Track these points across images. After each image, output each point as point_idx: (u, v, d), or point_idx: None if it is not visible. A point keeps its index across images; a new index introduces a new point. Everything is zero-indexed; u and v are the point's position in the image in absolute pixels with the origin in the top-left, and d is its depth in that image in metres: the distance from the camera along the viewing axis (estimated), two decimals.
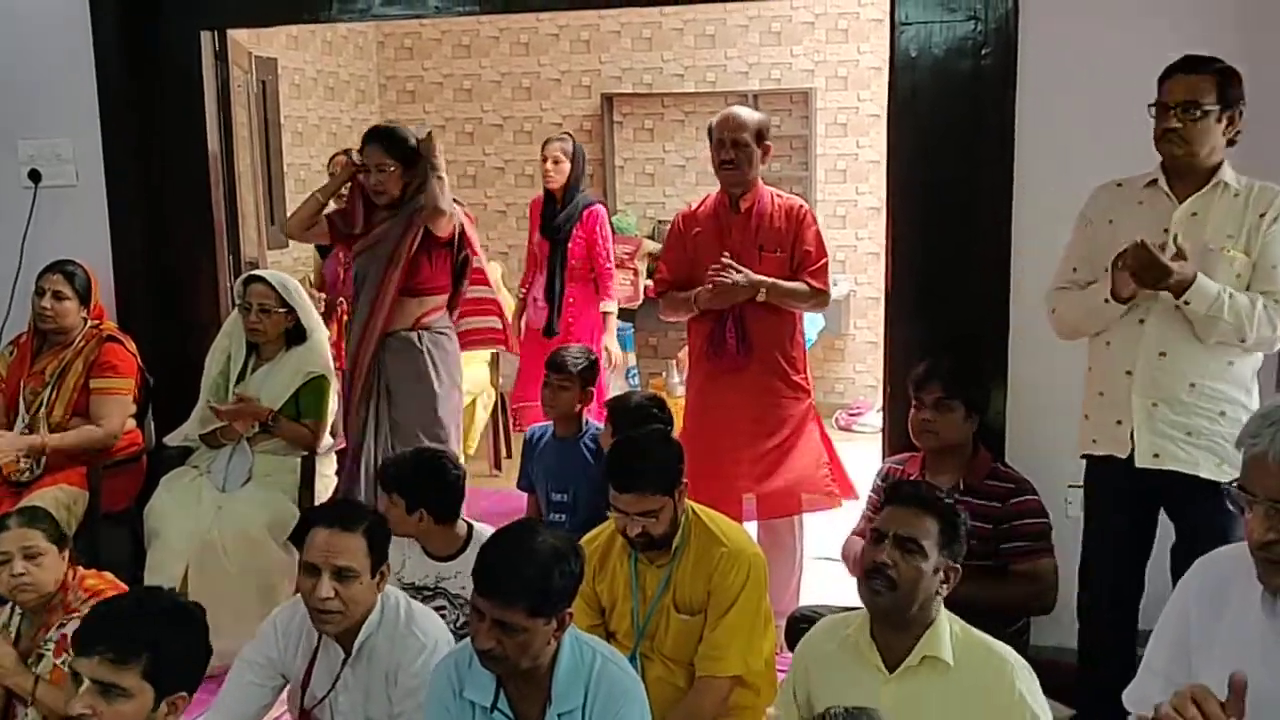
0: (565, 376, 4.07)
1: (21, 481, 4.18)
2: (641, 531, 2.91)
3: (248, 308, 4.24)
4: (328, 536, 2.67)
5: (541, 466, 4.19)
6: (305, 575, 2.66)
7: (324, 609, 2.64)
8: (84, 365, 4.27)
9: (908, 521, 2.42)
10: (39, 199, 4.56)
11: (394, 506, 3.32)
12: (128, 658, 2.09)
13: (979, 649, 2.41)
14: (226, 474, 4.28)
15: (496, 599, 2.27)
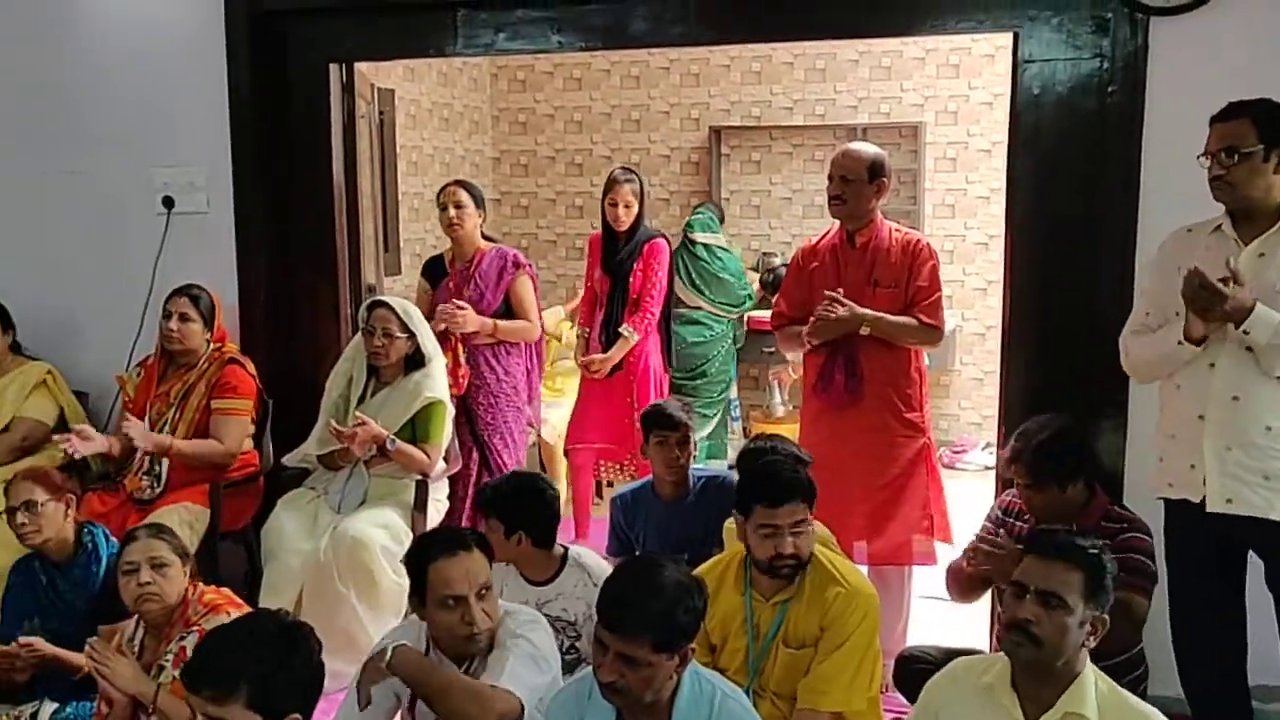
0: (683, 432, 3.92)
1: (145, 499, 4.32)
2: (793, 551, 2.90)
3: (371, 331, 4.34)
4: (463, 563, 2.71)
5: (648, 532, 4.02)
6: (446, 610, 2.70)
7: (479, 630, 2.69)
8: (206, 387, 4.40)
9: (1050, 575, 2.37)
10: (171, 225, 4.72)
11: (493, 531, 3.33)
12: (229, 693, 2.16)
13: (1124, 707, 2.36)
14: (343, 496, 4.37)
15: (621, 632, 2.29)
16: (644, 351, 5.34)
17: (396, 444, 4.31)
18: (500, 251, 4.90)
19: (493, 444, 4.79)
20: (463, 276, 4.84)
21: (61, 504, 3.71)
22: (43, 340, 4.79)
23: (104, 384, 4.76)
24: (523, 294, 4.87)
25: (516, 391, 4.90)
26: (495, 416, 4.81)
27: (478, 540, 2.81)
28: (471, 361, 4.78)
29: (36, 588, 3.73)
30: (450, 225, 4.80)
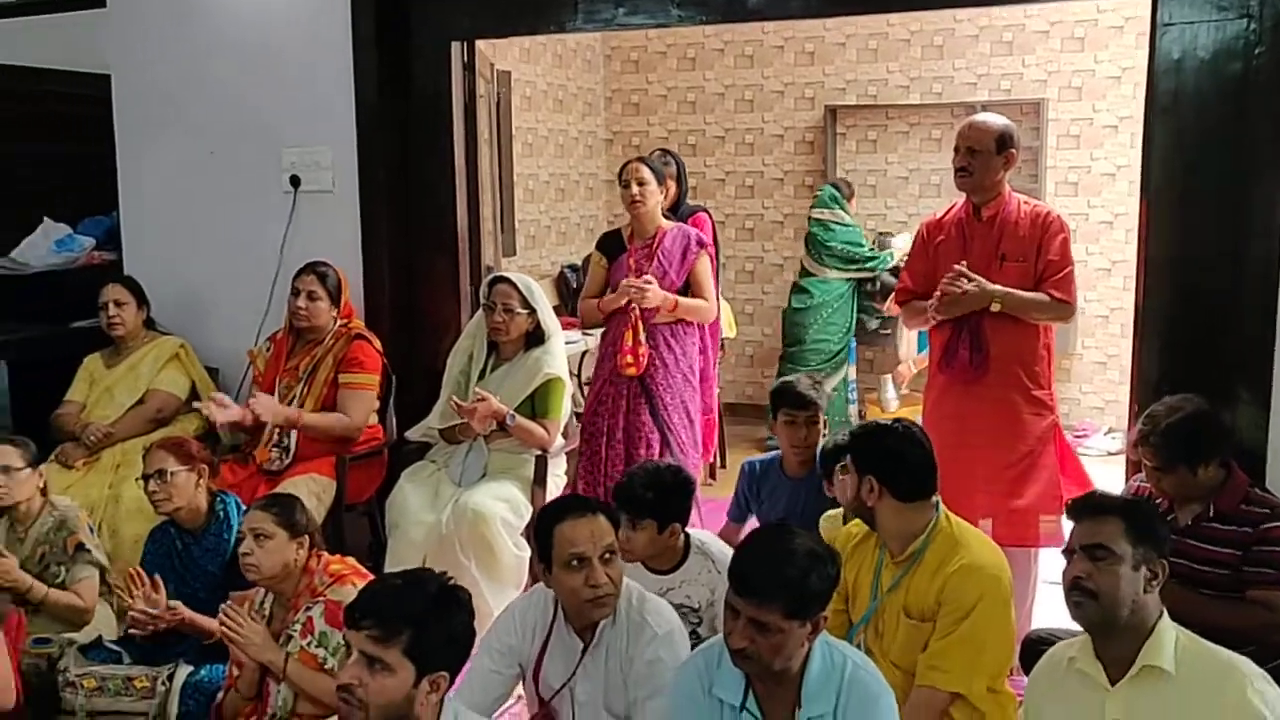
0: (813, 412, 3.90)
1: (273, 470, 4.43)
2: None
3: (492, 306, 4.38)
4: (589, 524, 2.73)
5: (771, 505, 4.02)
6: (571, 571, 2.71)
7: (603, 593, 2.71)
8: (333, 362, 4.49)
9: (1090, 530, 2.42)
10: (298, 203, 4.83)
11: (643, 530, 3.28)
12: (391, 635, 2.16)
13: (1205, 657, 2.35)
14: (463, 469, 4.42)
15: (753, 598, 2.28)
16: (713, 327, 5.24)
17: (516, 419, 4.34)
18: (683, 230, 4.80)
19: (672, 423, 4.69)
20: (644, 253, 4.73)
21: (193, 474, 3.81)
22: (175, 316, 4.94)
23: (233, 359, 4.88)
24: (703, 273, 4.77)
25: (694, 371, 4.80)
26: (674, 396, 4.71)
27: (604, 509, 2.82)
28: (650, 341, 4.70)
29: (171, 554, 3.84)
30: (633, 202, 4.68)
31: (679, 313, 4.74)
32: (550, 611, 2.86)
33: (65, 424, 4.66)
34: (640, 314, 4.63)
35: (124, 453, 4.55)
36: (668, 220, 4.84)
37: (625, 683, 2.79)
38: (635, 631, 2.80)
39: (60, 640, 3.77)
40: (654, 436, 4.67)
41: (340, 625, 3.20)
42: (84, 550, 3.91)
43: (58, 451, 4.53)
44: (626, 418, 4.65)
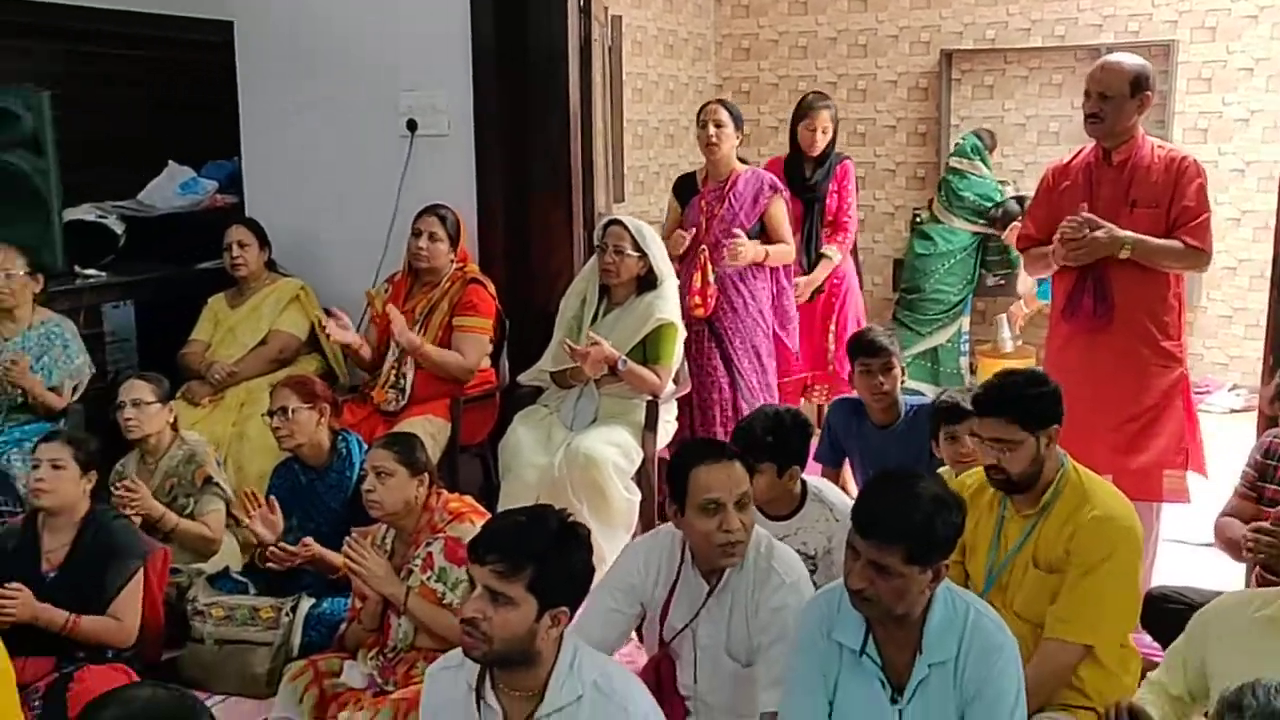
0: (887, 359, 3.92)
1: (390, 411, 4.51)
2: (996, 465, 2.82)
3: (604, 248, 4.39)
4: (725, 470, 2.72)
5: (863, 451, 4.03)
6: (705, 516, 2.70)
7: (735, 540, 2.70)
8: (449, 305, 4.55)
9: None
10: (415, 147, 4.88)
11: (761, 474, 3.23)
12: (516, 570, 2.18)
13: None
14: (575, 414, 4.45)
15: (875, 540, 2.26)
16: (845, 273, 5.31)
17: (627, 364, 4.35)
18: (756, 173, 4.88)
19: (741, 367, 4.77)
20: (716, 196, 4.82)
21: (315, 412, 3.90)
22: (295, 258, 5.04)
23: (350, 301, 4.94)
24: (778, 217, 4.83)
25: (764, 315, 4.86)
26: (744, 339, 4.78)
27: (741, 455, 2.81)
28: (720, 283, 4.75)
29: (295, 489, 3.95)
30: (709, 143, 4.78)
31: (770, 261, 4.79)
32: (677, 553, 2.86)
33: (190, 363, 4.80)
34: (709, 256, 4.65)
35: (248, 391, 4.68)
36: (742, 164, 4.89)
37: (749, 628, 2.79)
38: (762, 578, 2.79)
39: (189, 570, 3.92)
40: (724, 380, 4.72)
41: (460, 561, 3.27)
42: (212, 484, 4.03)
43: (184, 389, 4.67)
44: (696, 361, 4.68)
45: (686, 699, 2.88)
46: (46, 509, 3.43)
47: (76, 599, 3.34)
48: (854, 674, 2.39)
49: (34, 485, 3.41)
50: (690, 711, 2.88)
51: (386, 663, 3.39)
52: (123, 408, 3.98)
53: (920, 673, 2.34)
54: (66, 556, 3.42)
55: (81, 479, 3.44)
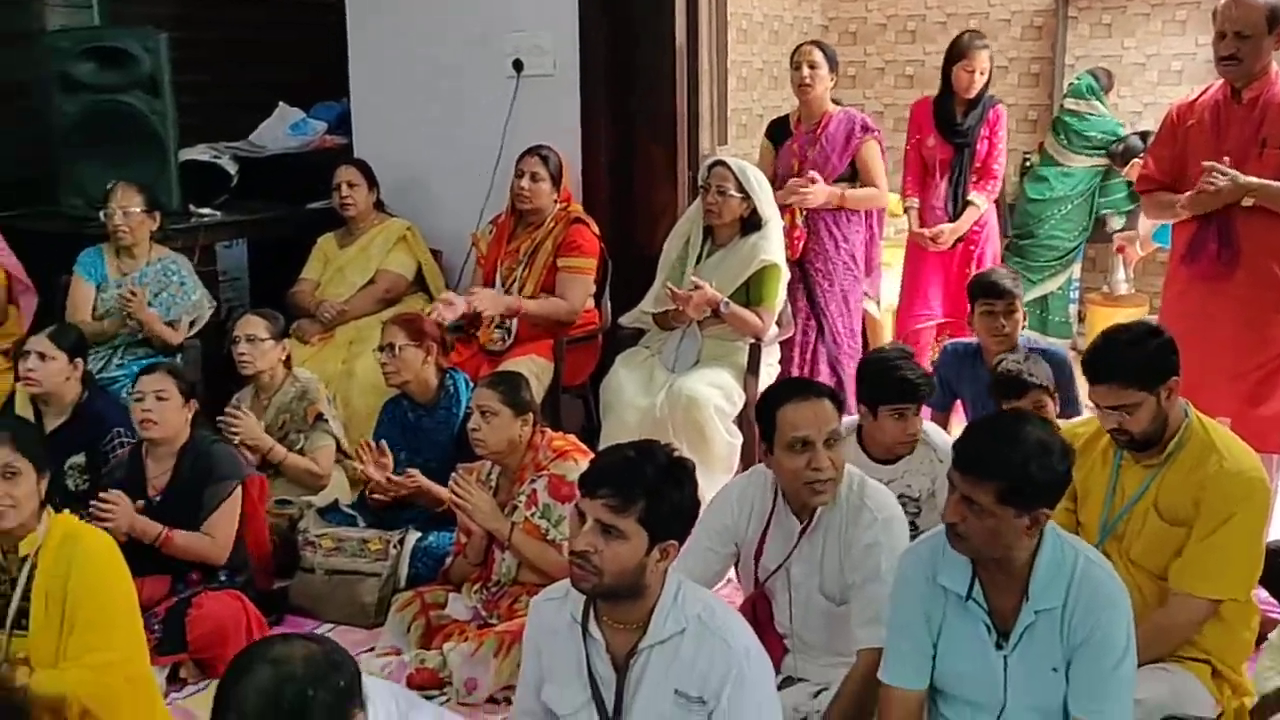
0: (1009, 301, 3.83)
1: (495, 351, 4.56)
2: (1118, 428, 2.75)
3: (707, 188, 4.36)
4: (813, 408, 2.71)
5: (972, 397, 3.96)
6: (794, 454, 2.70)
7: (825, 478, 2.69)
8: (553, 245, 4.56)
9: None
10: (520, 88, 4.89)
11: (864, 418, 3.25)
12: (627, 504, 2.19)
13: None
14: (677, 355, 4.45)
15: (969, 474, 2.23)
16: (986, 221, 5.15)
17: (730, 306, 4.33)
18: (849, 114, 4.82)
19: (829, 311, 4.74)
20: (808, 138, 4.78)
21: (421, 350, 3.96)
22: (401, 199, 5.09)
23: (456, 241, 5.01)
24: (871, 160, 4.77)
25: (855, 260, 4.82)
26: (833, 283, 4.76)
27: (829, 393, 2.79)
28: (811, 226, 4.72)
29: (403, 426, 4.03)
30: (802, 85, 4.73)
31: (849, 204, 4.71)
32: (769, 492, 2.86)
33: (300, 301, 4.89)
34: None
35: (357, 330, 4.76)
36: (836, 106, 4.82)
37: (841, 567, 2.78)
38: (854, 515, 2.78)
39: (300, 502, 4.03)
40: (810, 324, 4.67)
41: (563, 498, 3.32)
42: (322, 420, 4.13)
43: (294, 327, 4.77)
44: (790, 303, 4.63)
45: (784, 637, 2.89)
46: (154, 439, 3.54)
47: (178, 521, 3.44)
48: (959, 619, 2.37)
49: (141, 416, 3.51)
50: (788, 649, 2.89)
51: (490, 596, 3.47)
52: (237, 343, 4.08)
53: (1026, 619, 2.30)
54: (168, 482, 3.53)
55: (184, 408, 3.54)
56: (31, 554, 2.63)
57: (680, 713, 2.24)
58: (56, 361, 3.80)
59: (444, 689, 3.21)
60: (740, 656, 2.23)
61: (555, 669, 2.37)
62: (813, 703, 2.75)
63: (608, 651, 2.30)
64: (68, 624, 2.60)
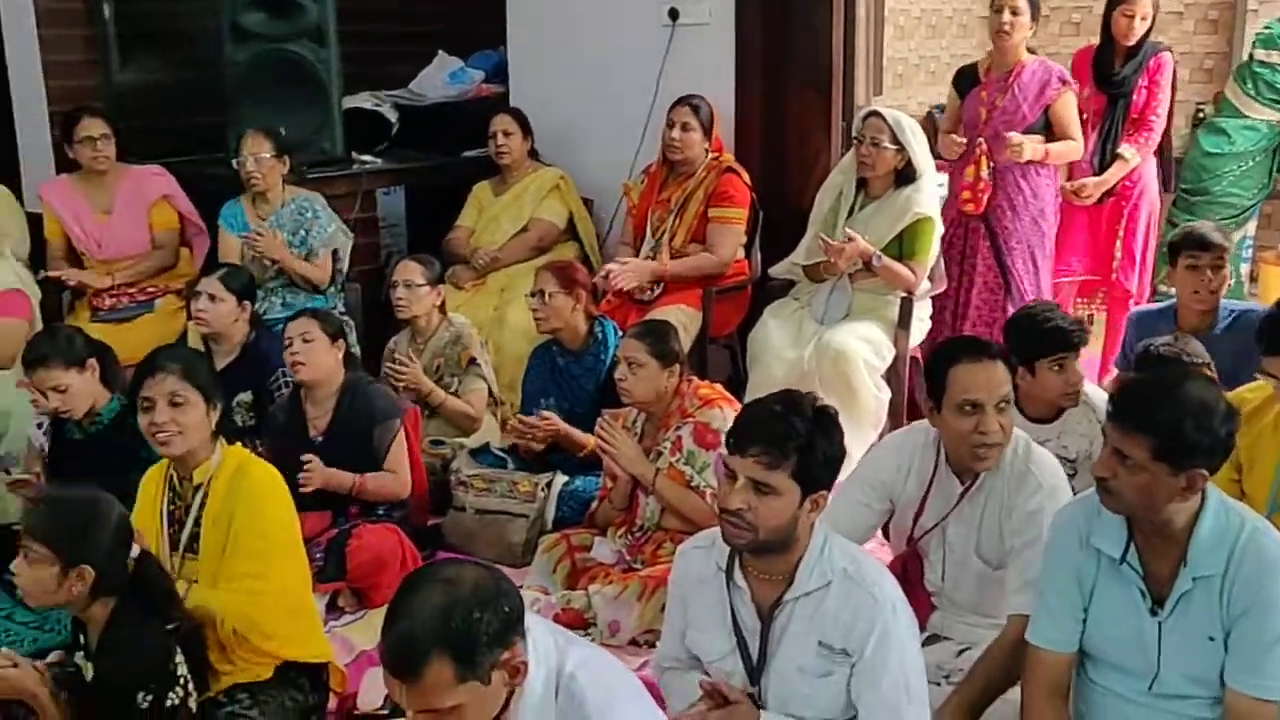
0: (1219, 254, 3.63)
1: (644, 300, 4.59)
2: None
3: (861, 140, 4.29)
4: (986, 370, 2.66)
5: None
6: (962, 416, 2.66)
7: (992, 442, 2.66)
8: (704, 195, 4.56)
9: None
10: (675, 36, 4.87)
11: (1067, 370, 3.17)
12: (780, 460, 2.20)
13: None
14: (826, 308, 4.41)
15: (1122, 426, 2.17)
16: (1140, 176, 4.91)
17: (882, 260, 4.27)
18: (1044, 64, 4.59)
19: (1014, 267, 4.58)
20: (998, 87, 4.58)
21: (571, 298, 4.02)
22: (555, 147, 5.15)
23: (607, 190, 5.05)
24: (1065, 112, 4.55)
25: (1044, 215, 4.62)
26: (1019, 239, 4.57)
27: (1004, 355, 2.74)
28: (997, 180, 4.56)
29: (552, 371, 4.11)
30: (999, 30, 4.51)
31: (1050, 160, 4.54)
32: (931, 451, 2.82)
33: (455, 248, 5.00)
34: (986, 149, 4.44)
35: (509, 277, 4.85)
36: (1031, 55, 4.62)
37: (1001, 531, 2.73)
38: (1018, 481, 2.72)
39: (453, 443, 4.15)
40: (995, 280, 4.52)
41: (708, 446, 3.35)
42: (475, 365, 4.23)
43: (449, 273, 4.87)
44: (966, 260, 4.51)
45: (932, 595, 2.86)
46: (306, 381, 3.68)
47: (344, 460, 3.59)
48: (1112, 583, 2.31)
49: (291, 360, 3.66)
50: (935, 607, 2.87)
51: (634, 541, 3.52)
52: (395, 288, 4.20)
53: (1183, 585, 2.24)
54: (330, 422, 3.68)
55: (331, 348, 3.66)
56: (205, 482, 2.75)
57: (823, 663, 2.26)
58: (226, 303, 3.97)
59: (588, 630, 3.28)
60: (886, 610, 2.23)
61: (700, 616, 2.40)
62: (956, 661, 2.73)
63: (753, 601, 2.32)
64: (230, 551, 2.71)
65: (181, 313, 4.62)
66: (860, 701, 2.24)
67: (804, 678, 2.28)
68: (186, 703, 2.49)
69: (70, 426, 3.43)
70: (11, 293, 4.20)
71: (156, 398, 2.73)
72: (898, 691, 2.22)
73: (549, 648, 1.94)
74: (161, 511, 2.79)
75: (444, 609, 1.79)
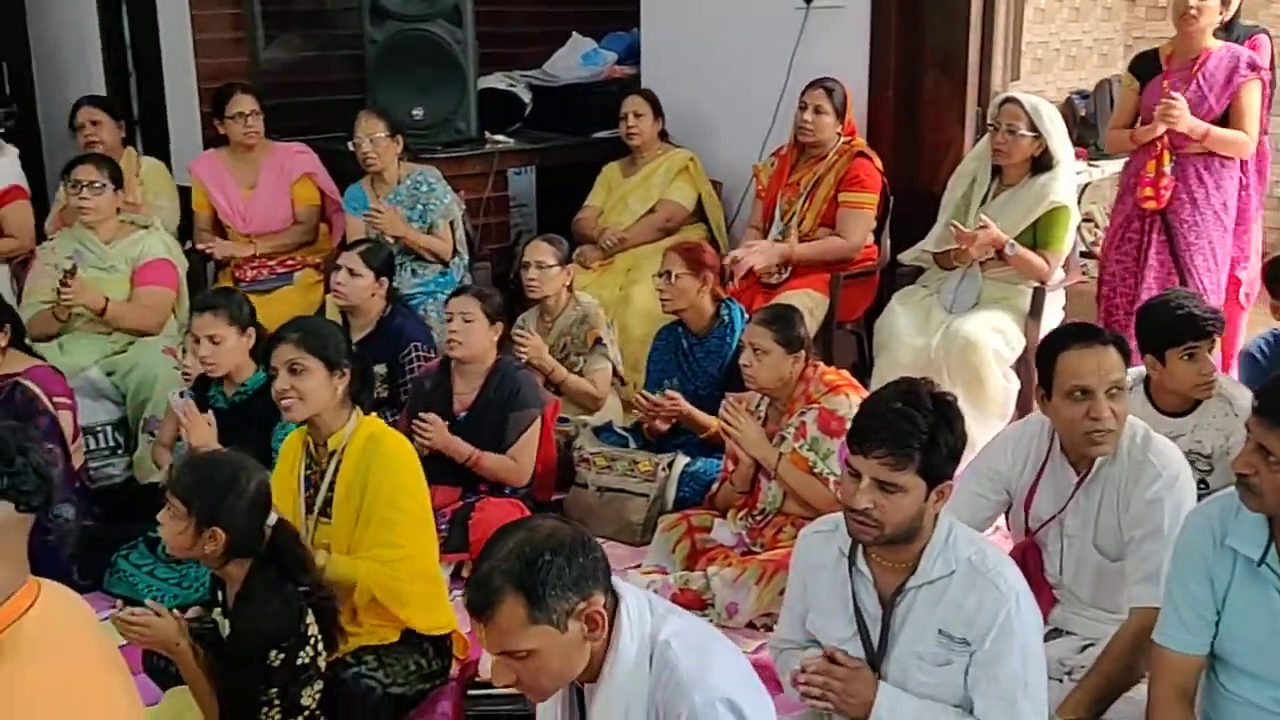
0: None
1: (772, 284, 4.58)
2: None
3: (996, 127, 4.21)
4: (1096, 356, 2.60)
5: None
6: (1073, 403, 2.61)
7: (1104, 429, 2.60)
8: (835, 179, 4.52)
9: None
10: (809, 19, 4.84)
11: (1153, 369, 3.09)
12: (905, 461, 2.18)
13: None
14: (955, 296, 4.35)
15: (1266, 420, 2.11)
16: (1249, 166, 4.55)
17: (1016, 249, 4.19)
18: (1231, 50, 4.31)
19: (1193, 265, 4.35)
20: (1182, 76, 4.31)
21: (698, 280, 4.03)
22: (684, 129, 5.16)
23: (736, 173, 5.04)
24: (1243, 99, 4.28)
25: (1227, 209, 4.38)
26: (1200, 235, 4.34)
27: (1116, 340, 2.68)
28: (1179, 172, 4.33)
29: (676, 352, 4.13)
30: (1185, 14, 4.25)
31: (1209, 144, 4.30)
32: (1046, 440, 2.78)
33: (583, 228, 5.06)
34: (1168, 142, 4.26)
35: (635, 257, 4.89)
36: (1217, 41, 4.34)
37: (1119, 522, 2.68)
38: (1136, 470, 2.66)
39: (576, 421, 4.20)
40: (1171, 279, 4.33)
41: (832, 433, 3.34)
42: (601, 345, 4.27)
43: (576, 253, 4.90)
44: (1143, 256, 4.36)
45: (1053, 588, 2.82)
46: (459, 359, 3.77)
47: (481, 438, 3.68)
48: (1249, 585, 2.24)
49: (448, 336, 3.75)
50: (1057, 600, 2.82)
51: (755, 524, 3.53)
52: (526, 268, 4.26)
53: None
54: (474, 400, 3.76)
55: (489, 330, 3.74)
56: (339, 449, 2.84)
57: (942, 652, 2.24)
58: (364, 278, 4.08)
59: (705, 611, 3.30)
60: (1010, 601, 2.20)
61: (820, 601, 2.40)
62: (1078, 657, 2.68)
63: (875, 587, 2.32)
64: (363, 518, 2.79)
65: (319, 286, 4.77)
66: (976, 692, 2.22)
67: (922, 665, 2.26)
68: (315, 662, 2.58)
69: (215, 393, 3.58)
70: (161, 262, 4.37)
71: (278, 366, 2.85)
72: (1015, 685, 2.20)
73: (644, 616, 1.96)
74: (299, 475, 2.89)
75: (518, 549, 1.85)
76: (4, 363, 3.55)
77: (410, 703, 2.87)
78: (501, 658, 1.87)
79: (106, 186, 4.26)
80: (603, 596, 1.90)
